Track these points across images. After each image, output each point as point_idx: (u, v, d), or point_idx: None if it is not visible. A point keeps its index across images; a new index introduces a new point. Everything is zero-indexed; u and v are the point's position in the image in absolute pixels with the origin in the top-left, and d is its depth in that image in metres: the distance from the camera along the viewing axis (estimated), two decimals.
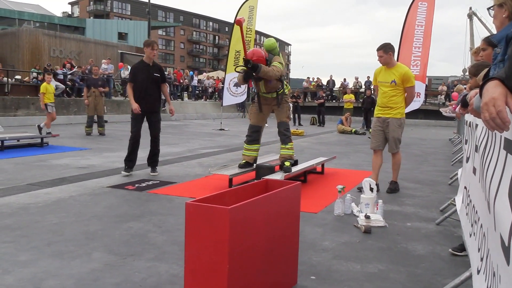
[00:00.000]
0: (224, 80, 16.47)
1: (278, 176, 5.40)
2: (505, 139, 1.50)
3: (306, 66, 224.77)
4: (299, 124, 20.37)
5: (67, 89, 18.42)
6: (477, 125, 2.61)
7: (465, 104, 3.34)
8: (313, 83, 30.27)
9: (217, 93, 29.26)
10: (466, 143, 3.70)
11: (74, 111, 16.97)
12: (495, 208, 1.54)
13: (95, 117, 12.32)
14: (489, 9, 2.75)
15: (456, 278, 2.63)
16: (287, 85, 6.01)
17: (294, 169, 5.86)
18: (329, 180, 6.45)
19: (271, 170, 5.84)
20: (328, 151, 9.85)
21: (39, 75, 19.14)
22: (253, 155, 5.95)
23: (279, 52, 5.94)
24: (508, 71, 1.37)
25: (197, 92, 29.17)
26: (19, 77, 19.62)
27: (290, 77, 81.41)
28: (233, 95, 15.54)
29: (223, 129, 15.94)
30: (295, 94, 21.83)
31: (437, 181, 6.68)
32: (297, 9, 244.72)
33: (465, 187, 3.30)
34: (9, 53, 22.12)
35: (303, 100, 26.22)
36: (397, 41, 13.01)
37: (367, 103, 17.99)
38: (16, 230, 3.68)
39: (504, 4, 2.56)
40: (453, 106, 10.91)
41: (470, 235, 2.59)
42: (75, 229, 3.77)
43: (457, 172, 5.67)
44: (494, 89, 1.34)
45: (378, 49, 5.52)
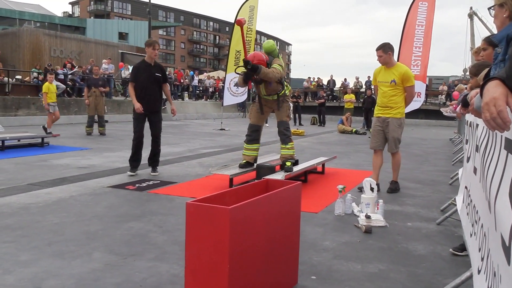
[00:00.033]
0: (224, 80, 16.47)
1: (278, 176, 5.40)
2: (506, 139, 1.50)
3: (306, 66, 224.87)
4: (300, 124, 20.37)
5: (68, 89, 18.43)
6: (477, 125, 2.61)
7: (465, 104, 3.33)
8: (314, 83, 30.28)
9: (217, 93, 29.29)
10: (466, 143, 3.70)
11: (74, 111, 16.99)
12: (496, 208, 1.54)
13: (96, 117, 12.33)
14: (489, 9, 2.75)
15: (456, 278, 2.63)
16: (288, 86, 6.01)
17: (294, 169, 5.86)
18: (330, 180, 6.45)
19: (271, 170, 5.84)
20: (328, 151, 9.85)
21: (39, 75, 19.16)
22: (253, 154, 5.95)
23: (279, 53, 5.95)
24: (508, 71, 1.37)
25: (198, 92, 29.18)
26: (19, 77, 19.64)
27: (290, 77, 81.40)
28: (234, 95, 15.53)
29: (224, 129, 15.95)
30: (295, 94, 21.84)
31: (438, 181, 6.68)
32: (297, 9, 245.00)
33: (466, 187, 3.30)
34: (9, 53, 22.15)
35: (303, 100, 26.24)
36: (398, 41, 13.02)
37: (368, 103, 18.00)
38: (16, 230, 3.69)
39: (504, 4, 2.56)
40: (454, 106, 10.91)
41: (470, 235, 2.59)
42: (75, 229, 3.77)
43: (458, 172, 5.67)
44: (494, 89, 1.34)
45: (377, 49, 5.52)
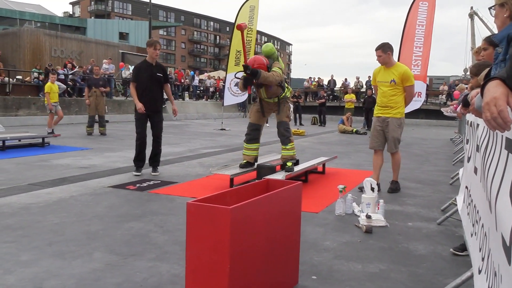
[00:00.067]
0: (225, 80, 16.47)
1: (279, 176, 5.40)
2: (507, 139, 1.50)
3: (307, 66, 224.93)
4: (300, 124, 20.37)
5: (68, 89, 18.45)
6: (478, 125, 2.60)
7: (466, 103, 3.33)
8: (314, 83, 30.27)
9: (218, 93, 29.29)
10: (467, 143, 3.70)
11: (75, 111, 16.99)
12: (496, 207, 1.54)
13: (96, 117, 12.34)
14: (490, 8, 2.75)
15: (457, 278, 2.63)
16: (289, 88, 6.04)
17: (295, 169, 5.86)
18: (330, 180, 6.45)
19: (272, 170, 5.84)
20: (329, 151, 9.85)
21: (40, 75, 19.18)
22: (253, 154, 5.95)
23: (278, 56, 5.97)
24: (509, 71, 1.37)
25: (198, 92, 29.19)
26: (20, 77, 19.66)
27: (291, 77, 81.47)
28: (234, 95, 15.53)
29: (224, 129, 15.95)
30: (296, 94, 21.83)
31: (438, 180, 6.68)
32: (297, 9, 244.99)
33: (466, 187, 3.30)
34: (10, 53, 22.16)
35: (304, 100, 26.23)
36: (398, 41, 13.03)
37: (368, 103, 17.99)
38: (17, 230, 3.69)
39: (505, 3, 2.56)
40: (454, 105, 10.91)
41: (471, 235, 2.59)
42: (76, 229, 3.77)
43: (458, 171, 5.67)
44: (495, 89, 1.34)
45: (376, 49, 5.53)
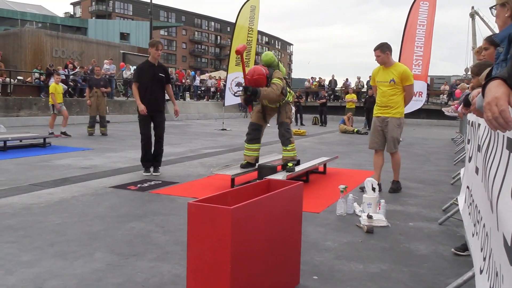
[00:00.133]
0: (226, 80, 16.47)
1: (280, 176, 5.40)
2: (508, 138, 1.49)
3: (308, 66, 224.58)
4: (301, 124, 20.37)
5: (69, 89, 18.46)
6: (479, 125, 2.60)
7: (467, 103, 3.33)
8: (315, 83, 30.25)
9: (219, 93, 29.30)
10: (468, 143, 3.69)
11: (76, 111, 17.00)
12: (498, 207, 1.54)
13: (97, 117, 12.35)
14: (491, 8, 2.75)
15: (459, 278, 2.63)
16: (291, 92, 6.07)
17: (296, 169, 5.86)
18: (331, 180, 6.45)
19: (273, 170, 5.84)
20: (330, 151, 9.85)
21: (41, 76, 19.19)
22: (254, 155, 5.96)
23: (279, 62, 5.97)
24: (510, 71, 1.37)
25: (199, 92, 29.20)
26: (21, 77, 19.68)
27: (292, 76, 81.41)
28: (235, 95, 15.53)
29: (225, 129, 15.95)
30: (297, 94, 21.82)
31: (440, 180, 6.67)
32: (298, 9, 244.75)
33: (468, 187, 3.30)
34: (11, 53, 22.19)
35: (305, 100, 26.22)
36: (399, 41, 13.02)
37: (369, 103, 17.92)
38: (19, 230, 3.69)
39: (506, 3, 2.56)
40: (456, 105, 10.89)
41: (472, 235, 2.59)
42: (77, 229, 3.78)
43: (460, 171, 5.67)
44: (496, 89, 1.33)
45: (375, 49, 5.53)
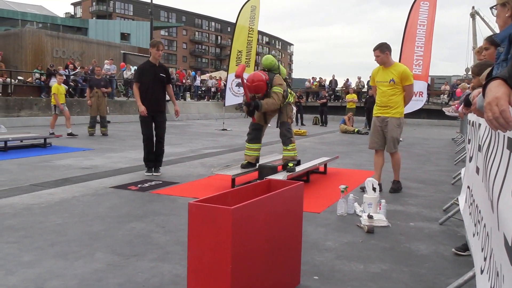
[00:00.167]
0: (226, 80, 16.47)
1: (280, 176, 5.40)
2: (508, 138, 1.49)
3: (308, 66, 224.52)
4: (302, 124, 20.37)
5: (70, 89, 18.47)
6: (480, 125, 2.60)
7: (468, 103, 3.33)
8: (316, 83, 30.24)
9: (219, 93, 29.30)
10: (469, 143, 3.69)
11: (77, 111, 17.01)
12: (499, 207, 1.54)
13: (98, 118, 12.35)
14: (492, 8, 2.75)
15: (459, 278, 2.63)
16: (292, 93, 6.09)
17: (297, 169, 5.86)
18: (332, 180, 6.44)
19: (273, 170, 5.84)
20: (330, 151, 9.85)
21: (41, 76, 19.20)
22: (255, 154, 5.96)
23: (279, 65, 5.98)
24: (511, 71, 1.37)
25: (200, 92, 29.21)
26: (21, 78, 19.69)
27: (292, 76, 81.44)
28: (235, 95, 15.54)
29: (226, 129, 15.95)
30: (297, 94, 21.83)
31: (440, 180, 6.67)
32: (298, 9, 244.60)
33: (468, 187, 3.29)
34: (12, 54, 22.21)
35: (305, 100, 26.21)
36: (399, 41, 13.02)
37: (370, 103, 17.91)
38: (19, 230, 3.70)
39: (507, 3, 2.56)
40: (456, 105, 10.88)
41: (473, 235, 2.58)
42: (78, 229, 3.78)
43: (460, 171, 5.66)
44: (497, 89, 1.33)
45: (374, 49, 5.53)
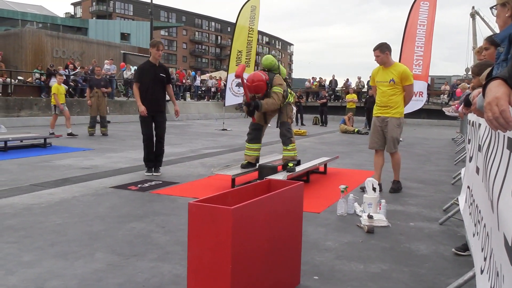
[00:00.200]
0: (226, 80, 16.47)
1: (280, 176, 5.40)
2: (508, 138, 1.49)
3: (308, 66, 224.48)
4: (302, 124, 20.37)
5: (70, 89, 18.47)
6: (480, 125, 2.60)
7: (468, 103, 3.33)
8: (316, 83, 30.24)
9: (219, 93, 29.30)
10: (469, 143, 3.69)
11: (77, 111, 17.01)
12: (499, 207, 1.54)
13: (98, 118, 12.35)
14: (492, 8, 2.75)
15: (459, 278, 2.63)
16: (292, 93, 6.10)
17: (297, 169, 5.86)
18: (332, 180, 6.45)
19: (273, 170, 5.84)
20: (330, 151, 9.85)
21: (41, 76, 19.20)
22: (255, 154, 5.96)
23: (279, 64, 5.98)
24: (511, 71, 1.37)
25: (200, 92, 29.21)
26: (21, 78, 19.68)
27: (292, 76, 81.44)
28: (235, 95, 15.54)
29: (226, 129, 15.95)
30: (297, 94, 21.83)
31: (440, 180, 6.67)
32: (299, 9, 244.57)
33: (468, 187, 3.29)
34: (12, 54, 22.21)
35: (305, 100, 26.21)
36: (400, 41, 13.02)
37: (370, 103, 17.91)
38: (19, 230, 3.70)
39: (507, 3, 2.56)
40: (456, 105, 10.88)
41: (473, 235, 2.58)
42: (78, 229, 3.78)
43: (460, 171, 5.66)
44: (497, 89, 1.33)
45: (374, 49, 5.53)
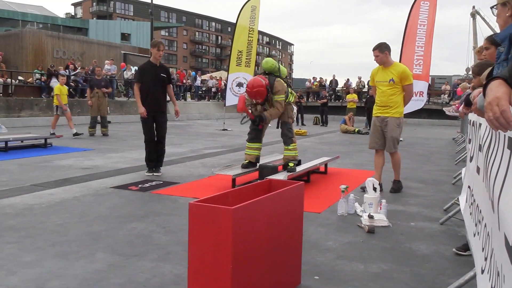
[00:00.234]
0: (227, 80, 16.47)
1: (281, 176, 5.40)
2: (509, 138, 1.49)
3: (309, 66, 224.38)
4: (302, 124, 20.37)
5: (70, 90, 18.46)
6: (480, 124, 2.60)
7: (468, 103, 3.33)
8: (316, 83, 30.23)
9: (220, 93, 29.30)
10: (469, 143, 3.69)
11: (77, 112, 17.02)
12: (499, 207, 1.54)
13: (99, 118, 12.35)
14: (492, 8, 2.75)
15: (460, 277, 2.62)
16: (293, 93, 6.09)
17: (297, 169, 5.86)
18: (333, 180, 6.44)
19: (274, 170, 5.84)
20: (331, 151, 9.84)
21: (42, 76, 19.20)
22: (255, 153, 5.96)
23: (280, 66, 5.96)
24: (511, 70, 1.37)
25: (200, 92, 29.21)
26: (22, 78, 19.68)
27: (293, 77, 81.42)
28: (236, 95, 15.53)
29: (226, 129, 15.95)
30: (298, 94, 21.82)
31: (441, 180, 6.66)
32: (299, 9, 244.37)
33: (469, 187, 3.29)
34: (12, 54, 22.22)
35: (306, 100, 26.20)
36: (400, 41, 13.02)
37: (370, 103, 17.87)
38: (20, 230, 3.70)
39: (507, 3, 2.56)
40: (457, 105, 10.88)
41: (474, 235, 2.58)
42: (79, 229, 3.78)
43: (461, 171, 5.65)
44: (497, 88, 1.33)
45: (374, 49, 5.53)
